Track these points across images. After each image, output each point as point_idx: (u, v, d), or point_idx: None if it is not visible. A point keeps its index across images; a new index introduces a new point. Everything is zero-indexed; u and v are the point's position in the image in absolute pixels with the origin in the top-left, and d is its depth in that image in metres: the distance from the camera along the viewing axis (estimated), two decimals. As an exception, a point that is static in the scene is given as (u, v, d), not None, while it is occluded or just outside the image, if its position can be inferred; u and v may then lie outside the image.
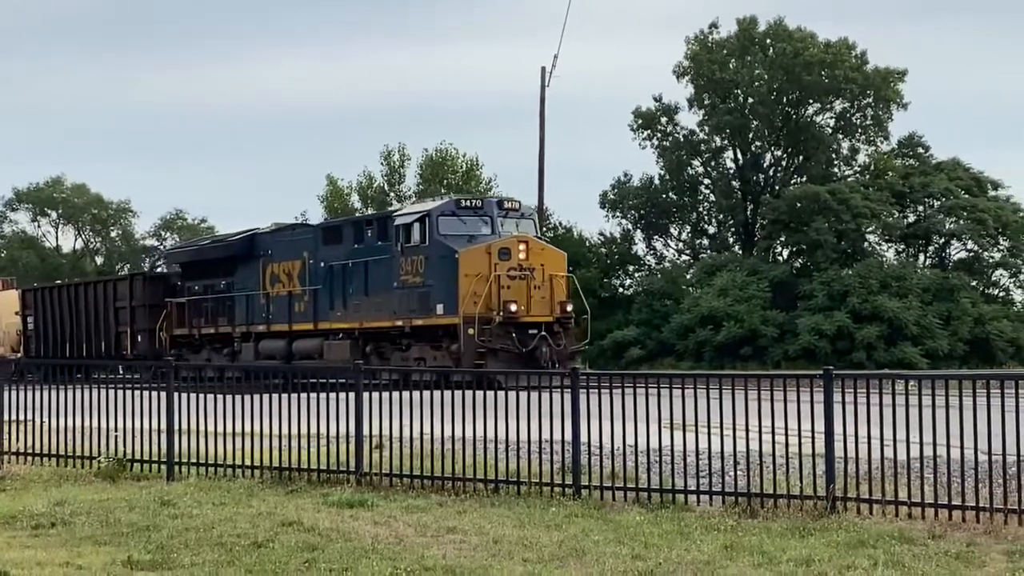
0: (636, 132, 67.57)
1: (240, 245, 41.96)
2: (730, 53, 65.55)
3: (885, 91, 63.41)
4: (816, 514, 12.77)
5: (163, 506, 13.69)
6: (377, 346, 35.57)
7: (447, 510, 13.53)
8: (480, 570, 10.37)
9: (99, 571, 10.42)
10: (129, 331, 43.61)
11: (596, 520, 12.72)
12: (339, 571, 10.30)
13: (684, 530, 12.08)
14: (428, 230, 33.65)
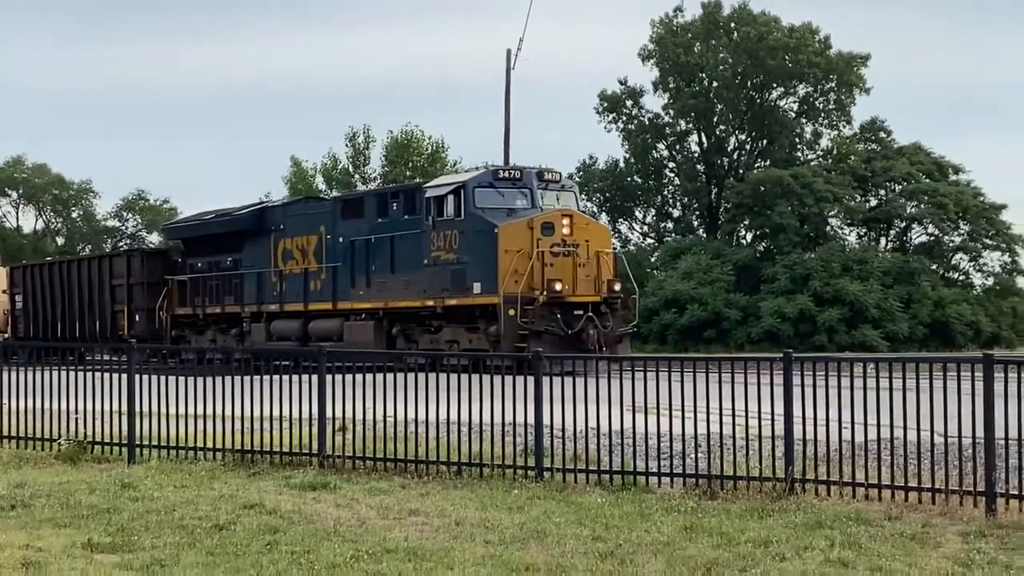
0: (602, 115, 67.88)
1: (249, 219, 39.09)
2: (695, 37, 65.73)
3: (848, 76, 63.82)
4: (775, 496, 12.83)
5: (124, 488, 13.61)
6: (404, 327, 32.66)
7: (410, 492, 13.52)
8: (442, 552, 10.37)
9: (59, 554, 10.37)
10: (126, 310, 41.24)
11: (558, 502, 12.74)
12: (301, 553, 10.28)
13: (645, 512, 12.12)
14: (463, 202, 30.63)
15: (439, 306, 30.92)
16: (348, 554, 10.23)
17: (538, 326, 28.24)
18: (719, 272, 55.95)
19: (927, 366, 14.13)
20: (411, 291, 31.80)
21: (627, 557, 10.19)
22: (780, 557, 10.12)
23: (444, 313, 31.08)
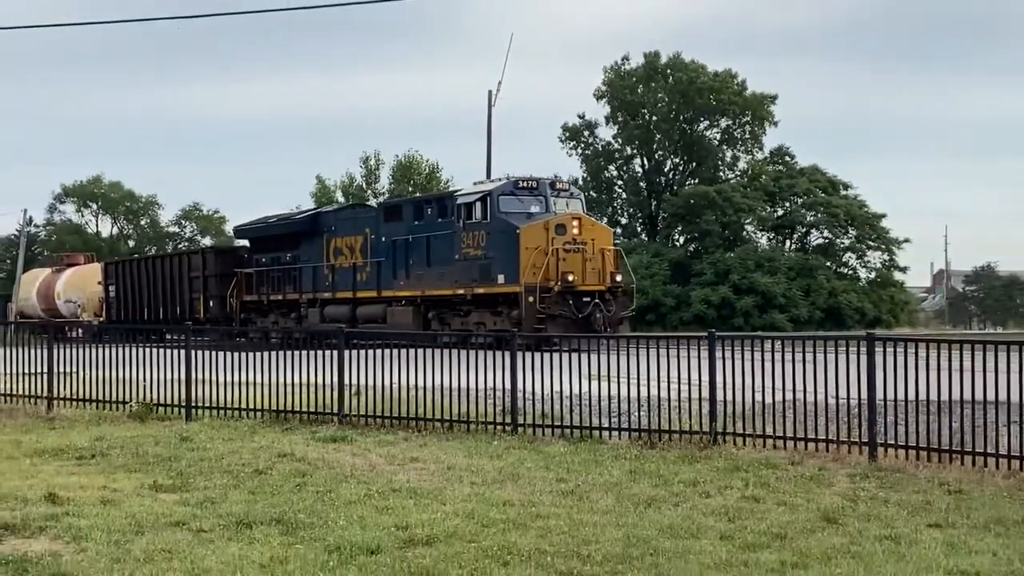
0: (564, 143, 68.00)
1: (306, 222, 38.16)
2: (638, 80, 65.86)
3: (760, 111, 64.09)
4: (702, 446, 12.88)
5: (182, 441, 13.58)
6: (439, 312, 31.67)
7: (411, 444, 13.51)
8: (436, 491, 10.38)
9: (130, 493, 10.36)
10: (202, 297, 40.10)
11: (529, 451, 12.74)
12: (324, 492, 10.28)
13: (598, 459, 12.14)
14: (490, 208, 29.93)
15: (468, 294, 30.26)
16: (362, 493, 10.25)
17: (553, 311, 27.82)
18: (658, 268, 56.00)
19: (823, 343, 14.14)
20: (445, 282, 31.01)
21: (584, 494, 10.21)
22: (705, 494, 10.17)
23: (473, 300, 30.34)
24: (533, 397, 14.75)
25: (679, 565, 7.57)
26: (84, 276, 49.08)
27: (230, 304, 39.16)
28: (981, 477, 10.88)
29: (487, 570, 7.41)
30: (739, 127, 64.87)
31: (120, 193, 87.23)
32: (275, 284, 38.22)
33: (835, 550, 8.01)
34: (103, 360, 18.02)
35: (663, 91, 65.20)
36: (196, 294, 40.41)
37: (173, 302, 41.67)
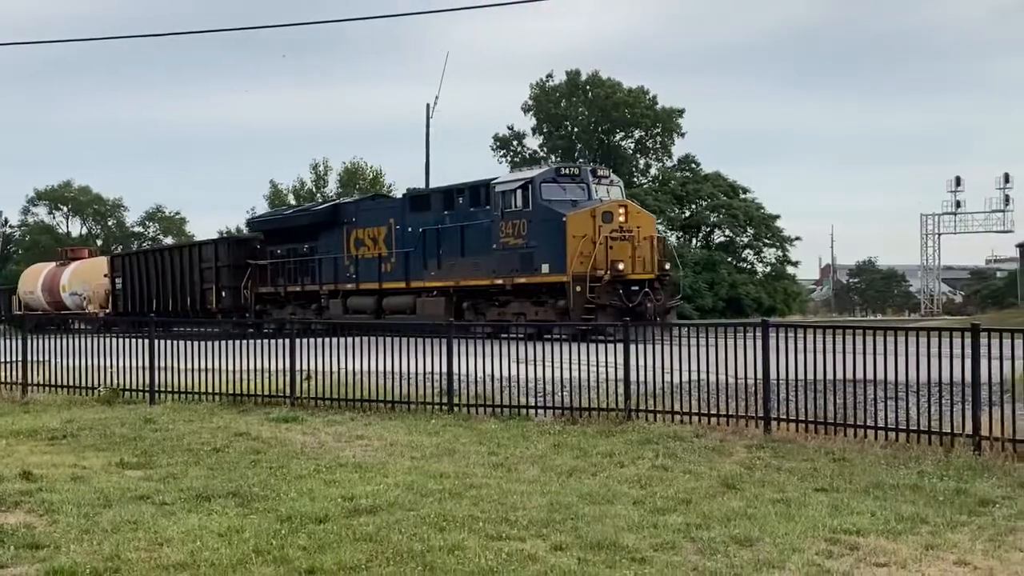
0: (495, 151, 68.18)
1: (324, 213, 34.71)
2: (561, 95, 66.22)
3: (669, 124, 64.82)
4: (617, 421, 12.93)
5: (146, 423, 13.39)
6: (474, 302, 28.27)
7: (357, 423, 13.43)
8: (379, 465, 10.35)
9: (99, 470, 10.21)
10: (214, 288, 36.48)
11: (464, 428, 12.73)
12: (277, 468, 10.19)
13: (526, 434, 12.16)
14: (531, 196, 26.37)
15: (508, 284, 26.88)
16: (311, 468, 10.19)
17: (602, 301, 24.56)
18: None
19: (723, 330, 14.29)
20: (481, 272, 27.70)
21: (512, 466, 10.24)
22: (620, 464, 10.24)
23: (512, 290, 26.95)
24: (468, 379, 14.74)
25: (596, 527, 7.61)
26: (89, 269, 45.85)
27: (244, 295, 36.06)
28: (862, 447, 11.05)
29: (425, 536, 7.40)
30: (651, 138, 65.55)
31: (89, 196, 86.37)
32: (292, 275, 34.89)
33: (734, 512, 8.11)
34: (74, 349, 17.73)
35: (583, 105, 65.66)
36: (208, 285, 37.12)
37: (183, 293, 38.50)
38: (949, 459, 10.14)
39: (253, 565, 6.74)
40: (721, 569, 6.60)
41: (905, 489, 8.94)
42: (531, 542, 7.26)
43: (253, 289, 35.80)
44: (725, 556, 6.90)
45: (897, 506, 8.29)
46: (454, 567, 6.61)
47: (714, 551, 7.02)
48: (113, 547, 7.21)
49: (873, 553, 6.98)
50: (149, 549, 7.18)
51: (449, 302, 28.47)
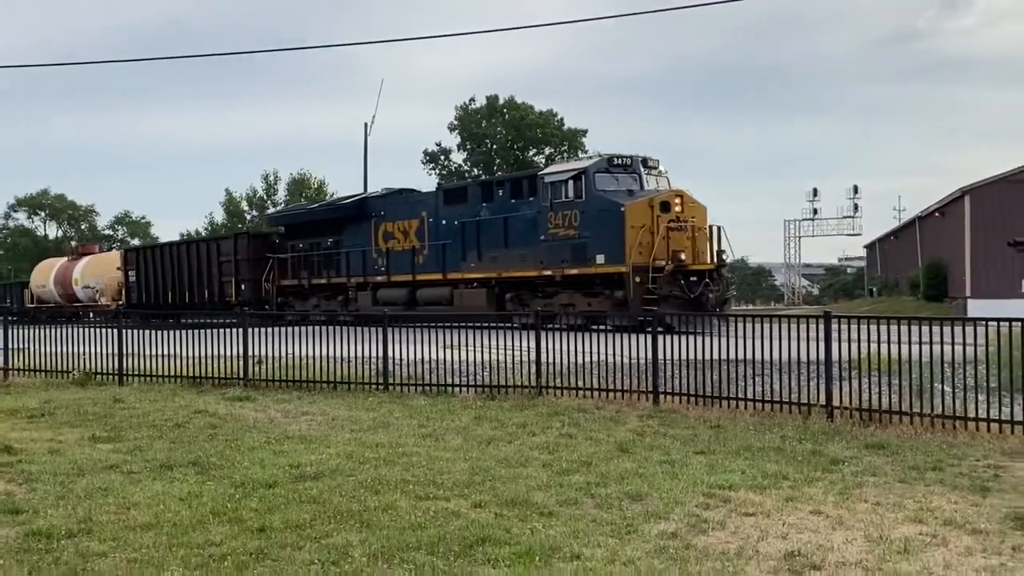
0: (425, 164, 67.88)
1: (351, 208, 30.70)
2: (482, 116, 66.22)
3: (575, 142, 65.18)
4: (530, 396, 12.98)
5: (116, 402, 13.10)
6: (517, 293, 24.89)
7: (303, 401, 13.29)
8: (323, 437, 10.27)
9: (73, 444, 9.97)
10: (234, 281, 32.84)
11: (398, 405, 12.67)
12: (231, 440, 10.06)
13: (451, 409, 12.14)
14: (585, 186, 22.97)
15: (557, 275, 23.45)
16: (262, 440, 10.08)
17: (664, 291, 21.48)
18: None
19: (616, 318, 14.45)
20: (527, 263, 24.24)
21: (439, 436, 10.23)
22: (532, 433, 10.29)
23: (561, 281, 23.56)
24: (402, 362, 14.68)
25: (511, 487, 7.66)
26: (101, 263, 41.76)
27: (265, 288, 32.37)
28: (734, 416, 11.23)
29: (362, 497, 7.38)
30: (559, 154, 65.71)
31: (64, 203, 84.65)
32: (315, 268, 31.12)
33: (627, 472, 8.21)
34: (50, 337, 17.28)
35: (501, 125, 65.73)
36: (227, 278, 33.41)
37: (200, 286, 34.75)
38: (807, 425, 10.35)
39: (211, 525, 6.66)
40: (616, 520, 6.69)
41: (770, 451, 9.11)
42: (455, 501, 7.28)
43: (275, 282, 32.25)
44: (619, 509, 7.00)
45: (763, 465, 8.45)
46: (388, 524, 6.61)
47: (610, 505, 7.11)
48: (86, 511, 7.08)
49: (743, 505, 7.12)
50: (118, 512, 7.05)
51: (490, 293, 25.26)
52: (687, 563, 5.72)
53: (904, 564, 5.69)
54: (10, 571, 5.73)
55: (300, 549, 6.04)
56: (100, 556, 5.97)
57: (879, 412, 10.49)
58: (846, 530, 6.45)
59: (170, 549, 6.07)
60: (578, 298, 23.02)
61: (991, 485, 7.74)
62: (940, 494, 7.41)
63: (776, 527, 6.52)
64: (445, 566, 5.66)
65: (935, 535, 6.30)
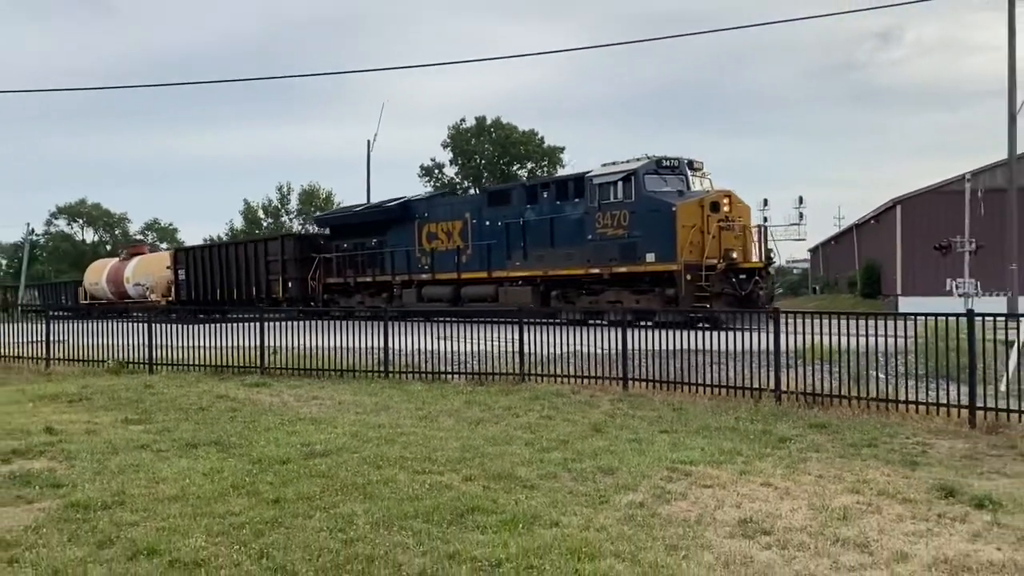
0: (421, 178, 67.74)
1: (395, 210, 28.80)
2: (472, 135, 66.07)
3: (554, 158, 65.17)
4: (514, 383, 13.00)
5: (146, 388, 13.03)
6: (563, 291, 23.12)
7: (313, 387, 13.26)
8: (330, 419, 10.24)
9: (108, 425, 9.91)
10: (281, 279, 31.27)
11: (397, 390, 12.65)
12: (249, 422, 10.02)
13: (444, 394, 12.14)
14: (634, 187, 21.24)
15: (606, 273, 21.73)
16: (277, 421, 10.04)
17: (716, 289, 19.85)
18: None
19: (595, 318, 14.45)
20: (573, 261, 22.54)
21: (434, 418, 10.23)
22: (516, 415, 10.29)
23: (609, 279, 21.80)
24: (401, 352, 14.68)
25: (497, 462, 7.66)
26: (152, 262, 39.94)
27: (311, 286, 30.79)
28: (694, 399, 11.27)
29: (366, 472, 7.36)
30: (540, 169, 65.78)
31: (99, 211, 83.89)
32: (361, 267, 29.44)
33: (600, 449, 8.22)
34: (87, 331, 17.19)
35: (488, 143, 65.69)
36: (274, 276, 31.74)
37: (248, 283, 32.97)
38: (758, 408, 10.40)
39: (231, 497, 6.63)
40: (590, 492, 6.70)
41: (725, 430, 9.14)
42: (447, 475, 7.27)
43: (321, 280, 30.59)
44: (593, 482, 7.00)
45: (720, 443, 8.48)
46: (388, 495, 6.59)
47: (585, 479, 7.11)
48: (119, 485, 7.03)
49: (702, 478, 7.14)
50: (148, 486, 7.01)
51: (535, 290, 23.61)
52: (653, 529, 5.74)
53: (843, 529, 5.73)
54: (52, 538, 5.70)
55: (310, 518, 6.02)
56: (132, 525, 5.94)
57: (821, 396, 10.55)
58: (792, 500, 6.48)
59: (195, 518, 6.04)
60: (625, 295, 21.35)
61: (919, 460, 7.80)
62: (875, 468, 7.46)
63: (731, 497, 6.55)
64: (439, 532, 5.65)
65: (870, 504, 6.34)
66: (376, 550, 5.28)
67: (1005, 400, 9.49)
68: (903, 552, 5.25)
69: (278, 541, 5.50)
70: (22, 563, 5.22)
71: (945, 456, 7.99)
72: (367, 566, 5.02)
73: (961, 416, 9.43)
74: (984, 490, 6.58)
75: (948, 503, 6.32)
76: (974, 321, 9.70)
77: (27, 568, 5.14)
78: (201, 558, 5.18)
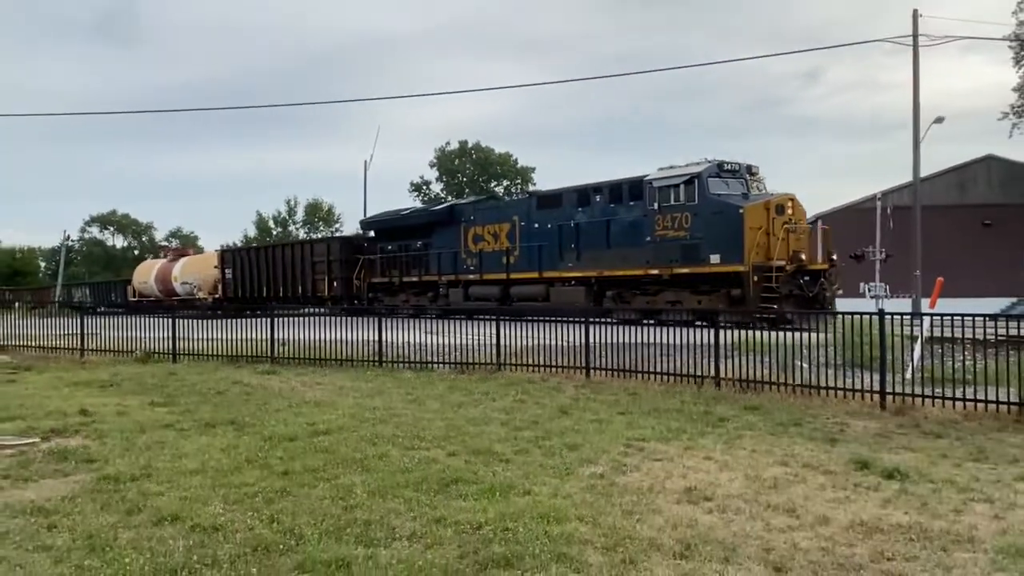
0: (411, 193, 67.61)
1: (441, 213, 26.70)
2: (455, 156, 66.20)
3: (527, 177, 65.32)
4: (492, 370, 12.94)
5: (170, 375, 12.88)
6: (618, 291, 20.78)
7: (316, 374, 13.16)
8: (332, 402, 10.15)
9: (136, 408, 9.77)
10: (327, 279, 29.18)
11: (390, 378, 12.57)
12: (261, 403, 9.93)
13: (431, 380, 12.07)
14: (698, 190, 19.09)
15: (665, 274, 19.52)
16: (285, 404, 9.94)
17: (783, 290, 17.76)
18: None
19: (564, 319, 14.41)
20: (629, 262, 20.29)
21: (422, 401, 10.17)
22: (493, 399, 10.23)
23: (668, 279, 19.55)
24: (392, 345, 14.60)
25: (477, 440, 7.64)
26: (199, 263, 37.82)
27: (356, 285, 28.61)
28: (647, 385, 11.26)
29: (363, 448, 7.31)
30: (515, 186, 65.92)
31: (128, 220, 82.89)
32: (405, 267, 27.18)
33: (566, 428, 8.21)
34: (118, 325, 16.95)
35: (470, 163, 65.82)
36: (319, 276, 29.59)
37: (294, 283, 30.78)
38: (700, 392, 10.42)
39: (245, 469, 6.56)
40: (557, 465, 6.69)
41: (673, 411, 9.15)
42: (434, 451, 7.23)
43: (365, 279, 28.39)
44: (560, 456, 7.00)
45: (668, 422, 8.49)
46: (382, 468, 6.55)
47: (553, 453, 7.10)
48: (146, 460, 6.93)
49: (653, 452, 7.15)
50: (172, 460, 6.92)
51: (588, 291, 21.37)
52: (611, 497, 5.75)
53: (774, 496, 5.77)
54: (86, 507, 5.60)
55: (315, 487, 5.97)
56: (157, 495, 5.86)
57: (755, 382, 10.60)
58: (730, 471, 6.51)
59: (213, 489, 5.97)
60: (685, 295, 19.14)
61: (838, 437, 7.87)
62: (800, 444, 7.52)
63: (678, 469, 6.57)
64: (427, 500, 5.63)
65: (797, 475, 6.39)
66: (373, 515, 5.25)
67: (911, 386, 9.61)
68: (825, 516, 5.30)
69: (287, 508, 5.44)
70: (60, 528, 5.14)
71: (860, 434, 8.07)
72: (365, 529, 4.99)
73: (873, 400, 9.52)
74: (893, 463, 6.65)
75: (863, 474, 6.38)
76: (884, 319, 9.82)
77: (64, 533, 5.06)
78: (219, 523, 5.12)
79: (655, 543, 4.72)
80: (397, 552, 4.58)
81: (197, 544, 4.75)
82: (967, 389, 9.10)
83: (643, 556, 4.51)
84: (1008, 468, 6.53)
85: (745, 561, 4.46)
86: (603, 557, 4.50)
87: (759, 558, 4.50)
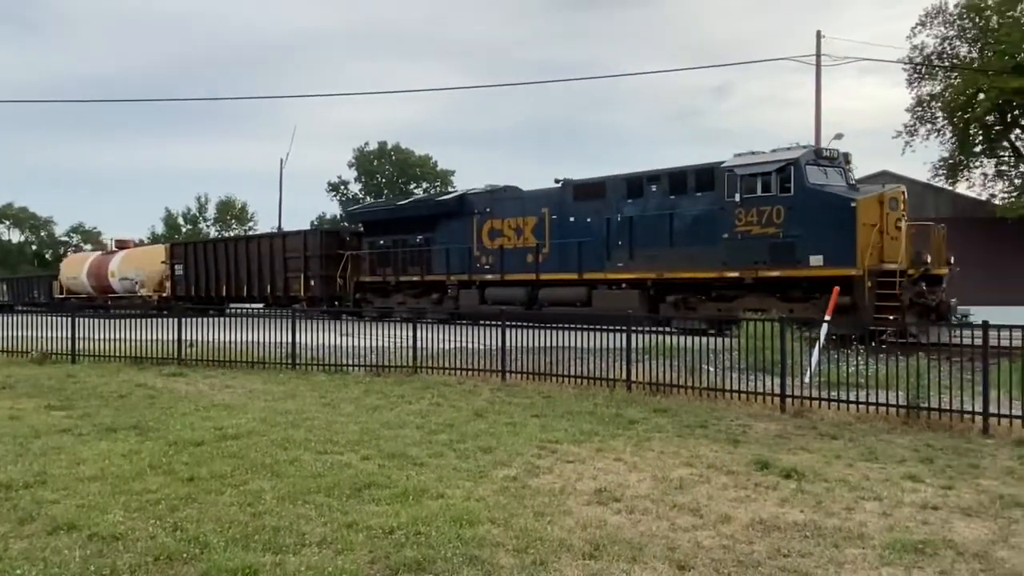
0: (329, 193, 66.51)
1: (451, 204, 23.14)
2: (374, 157, 65.48)
3: (445, 180, 65.33)
4: (408, 373, 12.84)
5: (68, 377, 12.23)
6: (683, 296, 17.81)
7: (226, 377, 12.76)
8: (242, 405, 9.87)
9: (31, 411, 9.25)
10: (302, 277, 25.61)
11: (303, 381, 12.32)
12: (166, 408, 9.56)
13: (345, 383, 11.90)
14: (794, 179, 15.87)
15: (748, 277, 16.52)
16: (192, 407, 9.61)
17: (904, 298, 14.71)
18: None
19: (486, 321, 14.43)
20: (698, 263, 17.29)
21: (336, 404, 10.01)
22: (409, 402, 10.16)
23: (751, 284, 16.62)
24: (307, 346, 14.31)
25: (392, 443, 7.58)
26: (142, 256, 33.61)
27: (339, 284, 25.22)
28: (561, 388, 11.37)
29: (274, 453, 7.14)
30: (433, 188, 65.70)
31: (26, 214, 78.07)
32: (401, 265, 23.95)
33: (481, 431, 8.22)
34: (12, 323, 15.97)
35: (389, 164, 65.21)
36: (293, 274, 26.10)
37: (261, 281, 27.25)
38: (612, 395, 10.58)
39: (148, 476, 6.31)
40: (472, 468, 6.69)
41: (586, 414, 9.26)
42: (347, 455, 7.13)
43: (352, 278, 25.03)
44: (474, 459, 7.00)
45: (581, 425, 8.58)
46: (294, 473, 6.42)
47: (467, 456, 7.10)
48: (41, 466, 6.58)
49: (566, 455, 7.23)
50: (69, 467, 6.58)
51: (643, 295, 18.39)
52: (524, 499, 5.80)
53: (679, 497, 5.92)
54: (-28, 517, 5.27)
55: (222, 494, 5.80)
56: (53, 503, 5.56)
57: (664, 385, 10.83)
58: (639, 472, 6.63)
59: (113, 496, 5.72)
60: (772, 302, 16.07)
61: (741, 438, 8.14)
62: (705, 445, 7.74)
63: (589, 471, 6.66)
64: (339, 505, 5.55)
65: (702, 475, 6.57)
66: (282, 521, 5.14)
67: (808, 390, 10.05)
68: (727, 515, 5.47)
69: (192, 515, 5.27)
70: (-58, 540, 4.82)
71: (761, 435, 8.34)
72: (273, 535, 4.88)
73: (774, 403, 9.88)
74: (791, 463, 6.92)
75: (763, 474, 6.60)
76: (784, 326, 10.25)
77: (-53, 545, 4.74)
78: (119, 532, 4.91)
79: (565, 544, 4.80)
80: (306, 559, 4.50)
81: (95, 554, 4.54)
82: (860, 393, 9.56)
83: (553, 557, 4.58)
84: (896, 467, 6.92)
85: (651, 560, 4.58)
86: (514, 559, 4.54)
87: (664, 557, 4.64)
